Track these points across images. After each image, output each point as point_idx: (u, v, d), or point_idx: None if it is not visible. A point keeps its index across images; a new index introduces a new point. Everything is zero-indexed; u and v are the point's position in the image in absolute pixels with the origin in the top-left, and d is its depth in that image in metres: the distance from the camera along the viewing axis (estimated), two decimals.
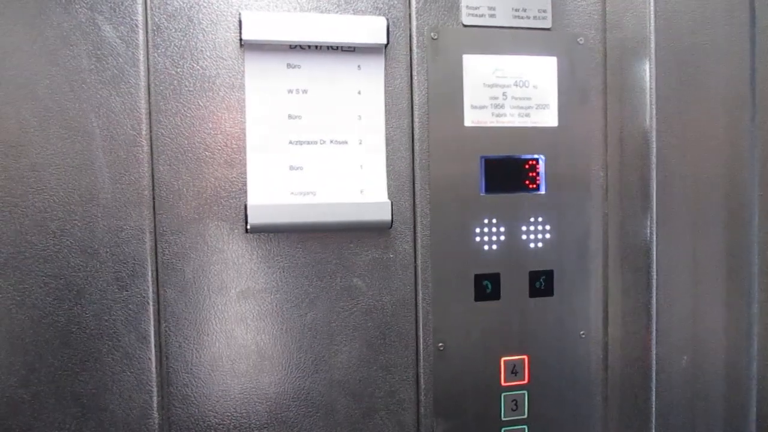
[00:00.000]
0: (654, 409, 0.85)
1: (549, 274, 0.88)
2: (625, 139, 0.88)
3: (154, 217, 0.76)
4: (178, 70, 0.76)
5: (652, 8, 0.83)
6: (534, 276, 0.87)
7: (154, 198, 0.76)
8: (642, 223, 0.85)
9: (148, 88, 0.75)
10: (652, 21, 0.83)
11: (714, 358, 0.87)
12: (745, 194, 0.86)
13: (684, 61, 0.84)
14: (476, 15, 0.84)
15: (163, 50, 0.76)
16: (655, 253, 0.84)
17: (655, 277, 0.84)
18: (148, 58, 0.75)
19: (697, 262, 0.86)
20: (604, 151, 0.89)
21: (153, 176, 0.76)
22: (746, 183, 0.86)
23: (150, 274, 0.76)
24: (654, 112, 0.83)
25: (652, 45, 0.83)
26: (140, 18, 0.74)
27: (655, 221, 0.83)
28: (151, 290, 0.76)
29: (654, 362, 0.85)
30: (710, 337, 0.87)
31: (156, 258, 0.76)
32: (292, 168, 0.79)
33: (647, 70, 0.84)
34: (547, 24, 0.87)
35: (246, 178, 0.78)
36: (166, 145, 0.76)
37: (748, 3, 0.86)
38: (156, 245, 0.76)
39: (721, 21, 0.86)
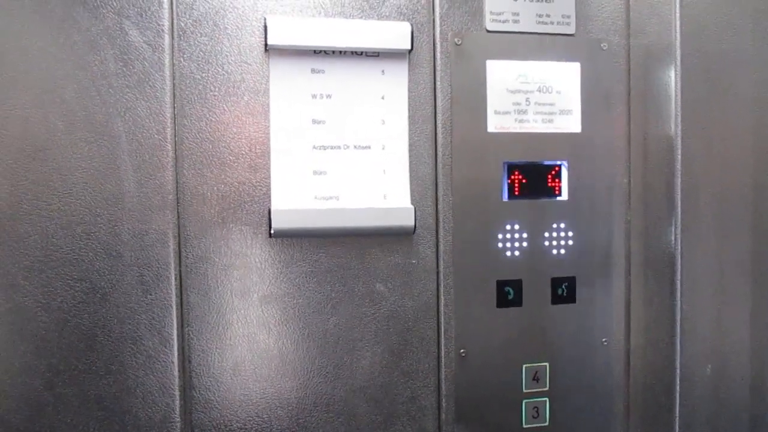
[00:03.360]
0: (677, 418, 0.84)
1: (571, 281, 0.87)
2: (649, 146, 0.87)
3: (179, 221, 0.76)
4: (204, 74, 0.77)
5: (677, 14, 0.83)
6: (556, 283, 0.87)
7: (178, 202, 0.76)
8: (666, 230, 0.85)
9: (174, 93, 0.76)
10: (678, 26, 0.83)
11: (739, 368, 0.86)
12: None
13: (709, 67, 0.84)
14: (500, 21, 0.84)
15: (188, 55, 0.76)
16: (679, 260, 0.83)
17: (679, 284, 0.83)
18: (173, 63, 0.75)
19: (723, 270, 0.85)
20: (627, 157, 0.88)
21: (177, 180, 0.76)
22: None
23: (174, 277, 0.76)
24: (679, 118, 0.83)
25: (678, 51, 0.83)
26: (166, 23, 0.75)
27: (679, 228, 0.83)
28: (174, 294, 0.76)
29: (678, 371, 0.84)
30: (735, 346, 0.86)
31: (180, 262, 0.76)
32: (315, 173, 0.79)
33: (672, 76, 0.83)
34: (571, 30, 0.86)
35: (270, 182, 0.78)
36: (190, 150, 0.76)
37: None
38: (180, 249, 0.76)
39: (747, 27, 0.85)
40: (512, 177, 0.85)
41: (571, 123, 0.87)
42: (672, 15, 0.83)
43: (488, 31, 0.84)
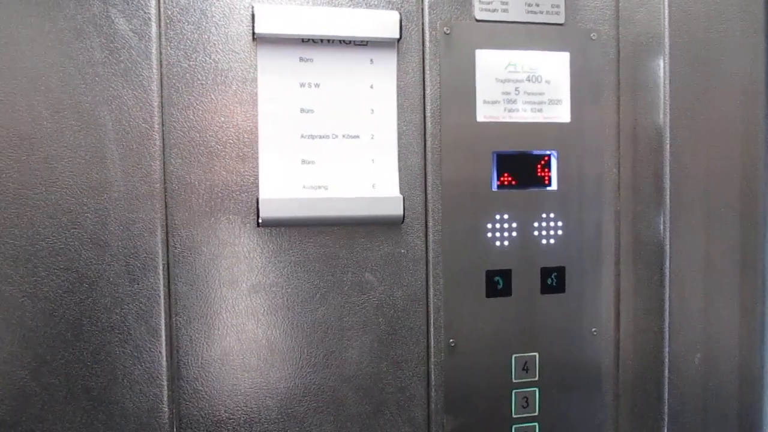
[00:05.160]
0: (666, 407, 0.84)
1: (561, 271, 0.87)
2: (638, 135, 0.87)
3: (166, 211, 0.76)
4: (191, 63, 0.76)
5: (665, 3, 0.83)
6: (546, 272, 0.87)
7: (165, 191, 0.76)
8: (655, 220, 0.85)
9: (161, 81, 0.75)
10: (666, 16, 0.83)
11: (727, 357, 0.86)
12: (760, 190, 0.85)
13: (698, 57, 0.84)
14: (489, 10, 0.84)
15: (175, 43, 0.76)
16: (668, 249, 0.83)
17: (668, 274, 0.83)
18: (160, 51, 0.75)
19: (711, 259, 0.85)
20: (616, 147, 0.88)
21: (165, 169, 0.76)
22: (761, 179, 0.85)
23: (161, 267, 0.75)
24: (668, 107, 0.83)
25: (666, 40, 0.83)
26: (153, 11, 0.74)
27: (668, 218, 0.83)
28: (162, 284, 0.75)
29: (666, 360, 0.84)
30: (723, 335, 0.86)
31: (167, 251, 0.76)
32: (304, 162, 0.79)
33: (661, 66, 0.83)
34: (560, 19, 0.86)
35: (258, 171, 0.78)
36: (178, 139, 0.76)
37: None
38: (167, 238, 0.76)
39: (735, 16, 0.85)
40: (501, 167, 0.85)
41: (561, 113, 0.87)
42: (660, 4, 0.83)
43: (477, 21, 0.84)
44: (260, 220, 0.77)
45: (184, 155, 0.76)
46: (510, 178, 0.85)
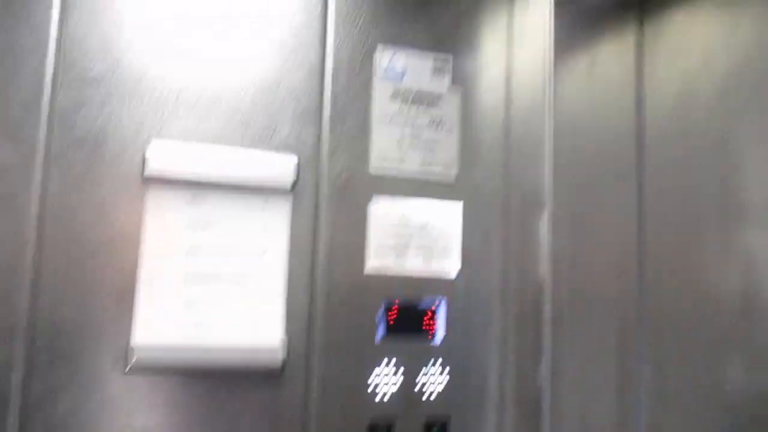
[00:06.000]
0: None
1: (445, 423, 0.87)
2: (523, 287, 0.90)
3: (29, 351, 0.71)
4: (76, 198, 0.74)
5: (547, 165, 0.88)
6: (429, 425, 0.86)
7: (31, 330, 0.71)
8: (535, 373, 0.86)
9: (40, 214, 0.72)
10: (550, 176, 0.88)
11: None
12: (632, 336, 0.90)
13: (577, 216, 0.89)
14: (385, 164, 0.87)
15: (62, 176, 0.74)
16: (548, 397, 0.84)
17: (548, 423, 0.84)
18: (44, 184, 0.73)
19: (590, 406, 0.88)
20: (503, 297, 0.91)
21: (33, 307, 0.71)
22: (634, 327, 0.90)
23: (16, 414, 0.69)
24: (548, 265, 0.87)
25: (548, 199, 0.88)
26: (42, 142, 0.73)
27: (549, 366, 0.85)
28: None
29: None
30: None
31: (24, 395, 0.70)
32: (186, 304, 0.77)
33: (544, 222, 0.88)
34: (453, 176, 0.90)
35: (133, 314, 0.75)
36: (50, 275, 0.72)
37: (635, 168, 0.93)
38: (27, 381, 0.70)
39: (610, 180, 0.93)
40: (389, 316, 0.85)
41: (451, 263, 0.89)
42: (544, 166, 0.88)
43: (373, 174, 0.86)
44: (130, 367, 0.73)
45: (57, 292, 0.72)
46: (396, 329, 0.85)
